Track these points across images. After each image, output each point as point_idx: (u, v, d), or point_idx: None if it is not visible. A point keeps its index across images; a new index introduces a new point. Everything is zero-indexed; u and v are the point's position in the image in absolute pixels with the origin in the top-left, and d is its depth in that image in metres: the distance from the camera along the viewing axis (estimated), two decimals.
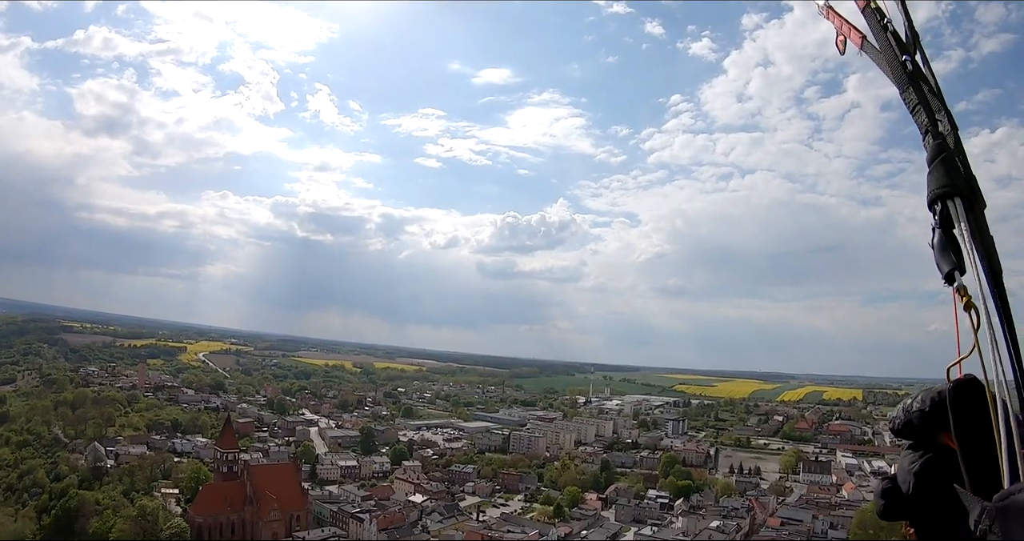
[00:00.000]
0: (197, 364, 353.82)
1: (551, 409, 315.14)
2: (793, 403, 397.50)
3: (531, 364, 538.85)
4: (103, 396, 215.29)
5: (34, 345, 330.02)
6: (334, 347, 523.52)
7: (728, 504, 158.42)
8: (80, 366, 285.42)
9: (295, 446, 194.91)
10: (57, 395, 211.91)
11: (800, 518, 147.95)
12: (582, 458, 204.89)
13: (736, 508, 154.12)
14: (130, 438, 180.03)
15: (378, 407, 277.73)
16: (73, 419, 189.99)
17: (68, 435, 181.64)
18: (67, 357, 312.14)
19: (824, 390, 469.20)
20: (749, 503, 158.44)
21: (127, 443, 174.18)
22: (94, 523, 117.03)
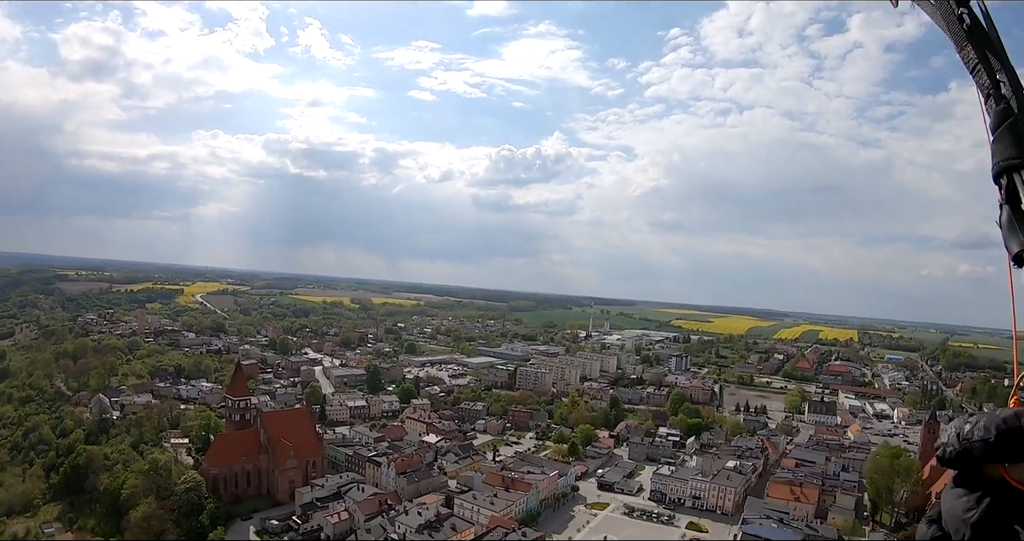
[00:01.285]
0: (195, 306, 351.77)
1: (552, 344, 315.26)
2: (791, 341, 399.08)
3: (528, 297, 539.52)
4: (103, 344, 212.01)
5: (30, 296, 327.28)
6: (330, 283, 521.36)
7: (741, 443, 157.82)
8: (78, 315, 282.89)
9: (301, 387, 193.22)
10: (57, 347, 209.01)
11: (813, 460, 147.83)
12: (590, 394, 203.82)
13: (750, 448, 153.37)
14: (134, 387, 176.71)
15: (380, 344, 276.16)
16: (75, 371, 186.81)
17: (71, 388, 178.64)
18: (64, 307, 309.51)
19: (819, 329, 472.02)
20: (762, 443, 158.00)
21: (131, 392, 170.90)
22: (104, 479, 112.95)
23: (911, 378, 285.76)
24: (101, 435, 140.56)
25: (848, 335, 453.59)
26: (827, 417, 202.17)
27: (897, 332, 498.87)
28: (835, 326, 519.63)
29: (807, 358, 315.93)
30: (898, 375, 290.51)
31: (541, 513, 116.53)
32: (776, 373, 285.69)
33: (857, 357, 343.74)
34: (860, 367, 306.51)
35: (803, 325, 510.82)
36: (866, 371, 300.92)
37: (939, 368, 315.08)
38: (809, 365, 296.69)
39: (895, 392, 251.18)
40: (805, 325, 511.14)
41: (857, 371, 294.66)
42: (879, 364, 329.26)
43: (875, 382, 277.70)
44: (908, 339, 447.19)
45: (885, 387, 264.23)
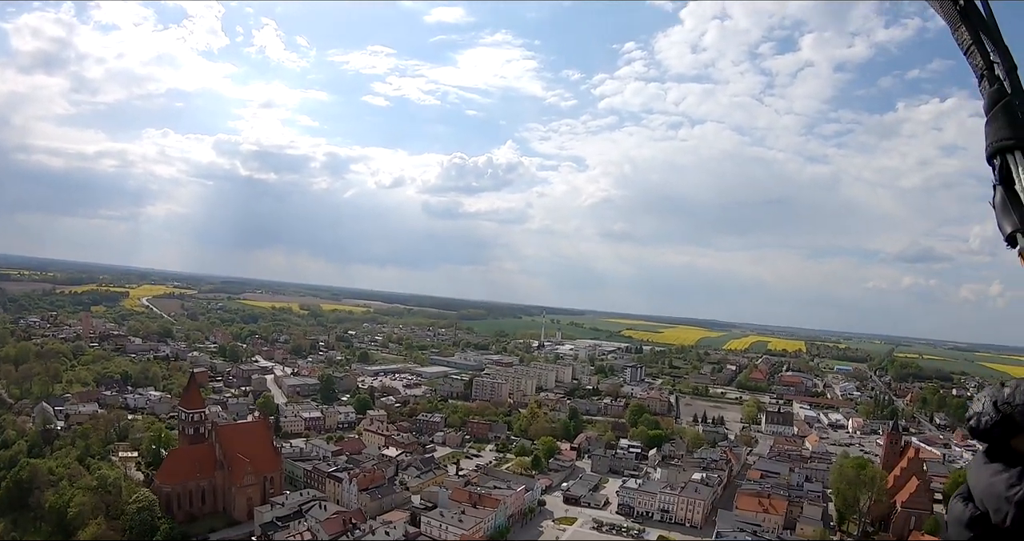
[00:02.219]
0: (141, 310, 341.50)
1: (505, 353, 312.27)
2: (741, 352, 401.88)
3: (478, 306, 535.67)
4: (47, 349, 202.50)
5: None
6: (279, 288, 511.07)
7: (705, 455, 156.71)
8: (20, 317, 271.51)
9: (253, 396, 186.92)
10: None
11: (777, 471, 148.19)
12: (548, 406, 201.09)
13: (715, 460, 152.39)
14: (79, 395, 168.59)
15: (332, 352, 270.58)
16: (17, 376, 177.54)
17: (13, 395, 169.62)
18: (5, 307, 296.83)
19: (768, 340, 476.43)
20: (725, 455, 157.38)
21: (76, 401, 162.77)
22: (50, 496, 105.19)
23: (861, 388, 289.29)
24: (45, 447, 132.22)
25: (796, 346, 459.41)
26: (784, 428, 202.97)
27: (843, 343, 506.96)
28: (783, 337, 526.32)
29: (759, 369, 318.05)
30: (849, 386, 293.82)
31: (510, 529, 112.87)
32: (730, 384, 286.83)
33: (807, 368, 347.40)
34: (811, 378, 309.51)
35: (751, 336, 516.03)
36: (817, 382, 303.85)
37: (887, 379, 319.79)
38: (762, 376, 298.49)
39: (847, 402, 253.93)
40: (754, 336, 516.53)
41: (809, 382, 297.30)
42: (829, 375, 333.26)
43: (827, 392, 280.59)
44: (855, 350, 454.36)
45: (837, 397, 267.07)
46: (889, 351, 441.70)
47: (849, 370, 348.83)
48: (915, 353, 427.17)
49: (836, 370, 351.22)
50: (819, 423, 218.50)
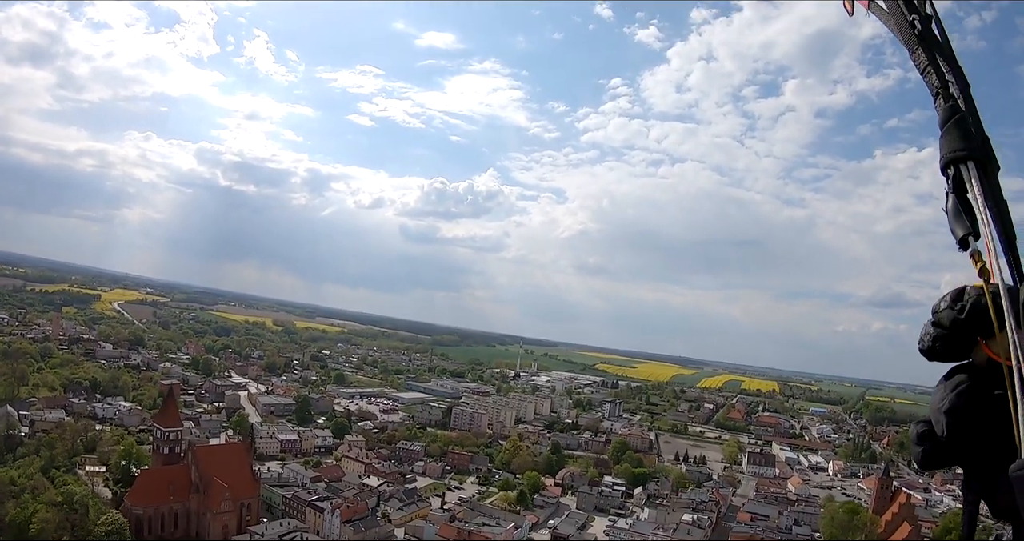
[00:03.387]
0: (113, 314, 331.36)
1: (482, 382, 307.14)
2: (715, 390, 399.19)
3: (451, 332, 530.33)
4: (14, 348, 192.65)
5: None
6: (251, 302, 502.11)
7: (694, 496, 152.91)
8: None
9: (227, 413, 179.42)
10: None
11: (766, 513, 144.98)
12: (529, 439, 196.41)
13: (703, 501, 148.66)
14: (45, 400, 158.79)
15: (307, 371, 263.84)
16: None
17: None
18: None
19: (741, 379, 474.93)
20: (713, 496, 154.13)
21: (43, 406, 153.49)
22: (10, 508, 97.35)
23: (838, 431, 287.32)
24: (7, 454, 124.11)
25: (769, 386, 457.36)
26: (766, 469, 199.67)
27: (815, 385, 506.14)
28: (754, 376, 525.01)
29: (737, 408, 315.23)
30: (826, 428, 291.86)
31: None
32: (707, 422, 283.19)
33: (783, 408, 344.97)
34: (788, 419, 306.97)
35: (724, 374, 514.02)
36: (794, 423, 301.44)
37: (863, 422, 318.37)
38: (740, 416, 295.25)
39: (826, 445, 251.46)
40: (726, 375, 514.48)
41: (786, 423, 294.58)
42: (805, 416, 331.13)
43: (804, 434, 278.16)
44: (827, 392, 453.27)
45: (815, 439, 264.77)
46: (861, 394, 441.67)
47: (824, 412, 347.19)
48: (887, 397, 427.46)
49: (811, 412, 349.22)
50: (800, 465, 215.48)
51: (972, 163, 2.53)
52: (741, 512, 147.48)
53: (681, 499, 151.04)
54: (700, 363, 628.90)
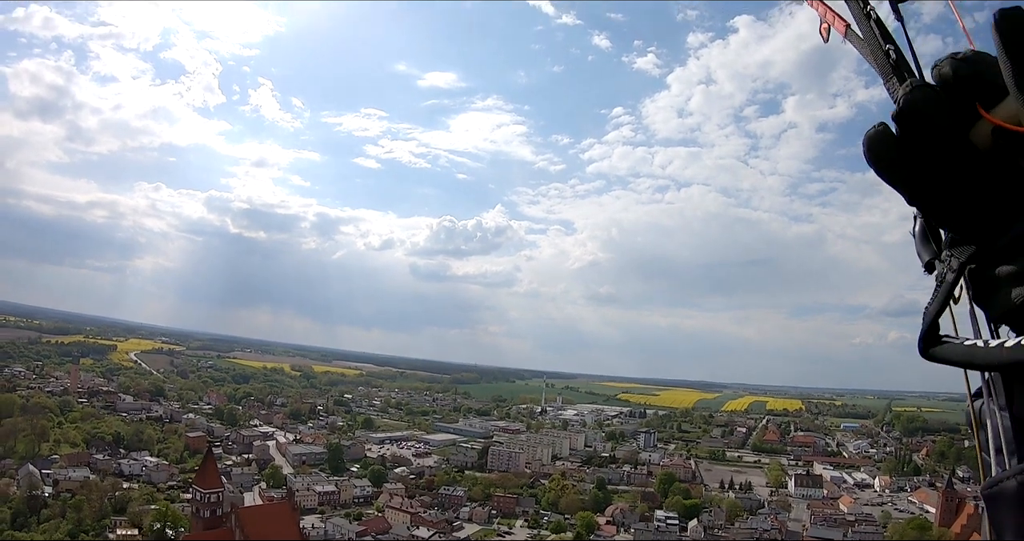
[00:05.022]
0: (130, 364, 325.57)
1: (509, 419, 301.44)
2: (742, 413, 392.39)
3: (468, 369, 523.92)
4: (32, 403, 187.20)
5: None
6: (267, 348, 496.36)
7: (754, 525, 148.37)
8: (5, 365, 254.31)
9: (258, 466, 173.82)
10: None
11: (831, 537, 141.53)
12: (571, 476, 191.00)
13: (766, 529, 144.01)
14: (68, 457, 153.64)
15: (332, 417, 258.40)
16: (0, 432, 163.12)
17: None
18: None
19: (765, 400, 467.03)
20: (774, 523, 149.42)
21: (66, 463, 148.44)
22: None
23: (875, 445, 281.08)
24: (31, 517, 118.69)
25: (794, 405, 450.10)
26: (814, 490, 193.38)
27: (838, 400, 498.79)
28: (775, 396, 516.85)
29: (770, 430, 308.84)
30: (862, 443, 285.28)
31: None
32: (743, 446, 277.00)
33: (813, 426, 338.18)
34: (822, 437, 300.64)
35: (747, 396, 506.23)
36: (829, 440, 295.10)
37: (896, 434, 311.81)
38: (775, 437, 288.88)
39: (865, 460, 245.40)
40: (748, 396, 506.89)
41: (821, 441, 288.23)
42: (838, 433, 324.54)
43: (842, 451, 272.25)
44: (852, 406, 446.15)
45: (854, 455, 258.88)
46: (887, 406, 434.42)
47: (856, 427, 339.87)
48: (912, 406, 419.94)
49: (843, 428, 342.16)
50: (846, 483, 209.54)
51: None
52: (806, 537, 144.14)
53: (740, 529, 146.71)
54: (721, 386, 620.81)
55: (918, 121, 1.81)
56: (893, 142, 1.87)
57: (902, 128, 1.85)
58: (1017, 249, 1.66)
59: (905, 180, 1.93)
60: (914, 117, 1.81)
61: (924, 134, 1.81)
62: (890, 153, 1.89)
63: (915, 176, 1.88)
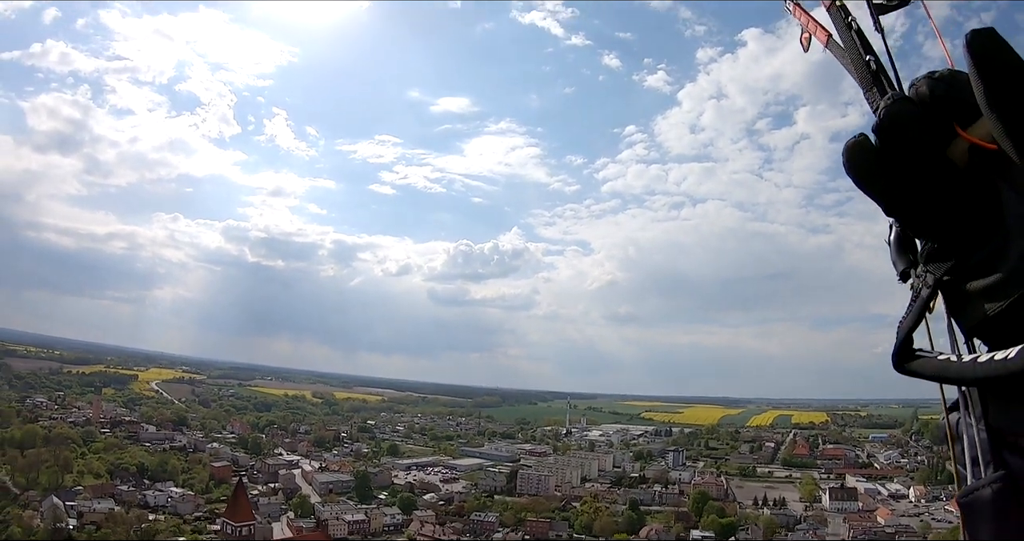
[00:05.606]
0: (151, 394, 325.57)
1: (534, 442, 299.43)
2: (768, 428, 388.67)
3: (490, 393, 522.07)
4: (55, 434, 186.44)
5: None
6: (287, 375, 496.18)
7: None
8: (27, 396, 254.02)
9: (284, 495, 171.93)
10: (3, 431, 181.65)
11: None
12: (603, 497, 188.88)
13: None
14: (92, 488, 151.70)
15: (357, 444, 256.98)
16: (23, 464, 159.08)
17: (18, 484, 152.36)
18: (11, 384, 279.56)
19: (790, 414, 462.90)
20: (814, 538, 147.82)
21: (90, 494, 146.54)
22: None
23: (905, 455, 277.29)
24: None
25: (820, 417, 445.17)
26: (849, 503, 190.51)
27: (863, 410, 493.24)
28: (800, 409, 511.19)
29: (799, 444, 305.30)
30: (892, 453, 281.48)
31: None
32: (773, 461, 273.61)
33: (841, 438, 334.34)
34: (851, 448, 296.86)
35: (771, 411, 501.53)
36: (859, 452, 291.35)
37: (925, 442, 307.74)
38: (805, 451, 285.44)
39: (897, 470, 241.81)
40: (773, 411, 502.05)
41: (851, 453, 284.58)
42: (866, 444, 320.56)
43: (872, 462, 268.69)
44: (878, 416, 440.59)
45: (885, 466, 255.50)
46: (913, 414, 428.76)
47: (885, 437, 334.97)
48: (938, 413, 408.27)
49: (872, 438, 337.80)
50: (880, 495, 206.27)
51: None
52: None
53: None
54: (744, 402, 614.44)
55: (898, 134, 1.81)
56: (872, 153, 1.87)
57: (882, 140, 1.85)
58: (992, 264, 1.67)
59: (882, 191, 1.92)
60: (894, 130, 1.81)
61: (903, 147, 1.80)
62: (869, 164, 1.90)
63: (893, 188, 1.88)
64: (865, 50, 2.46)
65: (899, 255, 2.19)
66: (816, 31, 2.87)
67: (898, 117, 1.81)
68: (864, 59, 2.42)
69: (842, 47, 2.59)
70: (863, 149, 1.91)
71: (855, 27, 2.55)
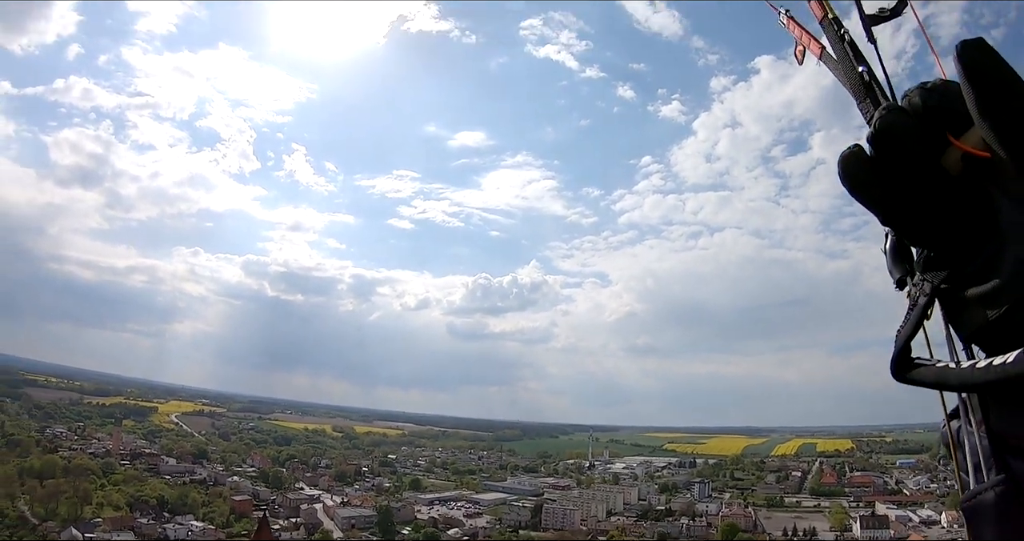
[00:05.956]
0: (171, 427, 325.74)
1: (557, 475, 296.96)
2: (793, 457, 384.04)
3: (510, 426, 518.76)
4: (74, 464, 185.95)
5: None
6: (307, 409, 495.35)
7: None
8: (47, 426, 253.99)
9: (306, 530, 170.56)
10: (22, 461, 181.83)
11: None
12: (631, 531, 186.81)
13: None
14: (112, 521, 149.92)
15: (379, 478, 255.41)
16: (42, 494, 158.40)
17: (37, 514, 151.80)
18: (31, 414, 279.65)
19: (814, 442, 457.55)
20: None
21: (109, 527, 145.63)
22: None
23: (935, 479, 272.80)
24: None
25: (845, 445, 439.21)
26: (881, 531, 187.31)
27: (888, 436, 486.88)
28: (824, 436, 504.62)
29: (826, 472, 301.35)
30: (921, 478, 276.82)
31: None
32: (800, 491, 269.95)
33: (868, 465, 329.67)
34: (880, 475, 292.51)
35: (795, 439, 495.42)
36: (887, 478, 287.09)
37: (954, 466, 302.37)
38: (832, 479, 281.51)
39: (928, 496, 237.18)
40: (797, 439, 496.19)
41: (879, 480, 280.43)
42: (895, 470, 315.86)
43: (902, 488, 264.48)
44: (904, 441, 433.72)
45: (915, 492, 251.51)
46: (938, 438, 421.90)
47: (913, 462, 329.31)
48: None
49: (899, 464, 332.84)
50: (912, 522, 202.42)
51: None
52: None
53: None
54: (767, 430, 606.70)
55: (892, 143, 1.84)
56: (867, 163, 1.91)
57: (876, 150, 1.88)
58: (988, 271, 1.69)
59: (878, 201, 1.96)
60: (888, 139, 1.84)
61: (897, 157, 1.84)
62: (864, 174, 1.93)
63: (888, 198, 1.93)
64: (858, 61, 2.50)
65: (895, 264, 2.21)
66: (810, 44, 2.94)
67: (891, 127, 1.84)
68: (857, 70, 2.46)
69: (835, 59, 2.63)
70: (858, 159, 1.92)
71: (847, 39, 2.61)
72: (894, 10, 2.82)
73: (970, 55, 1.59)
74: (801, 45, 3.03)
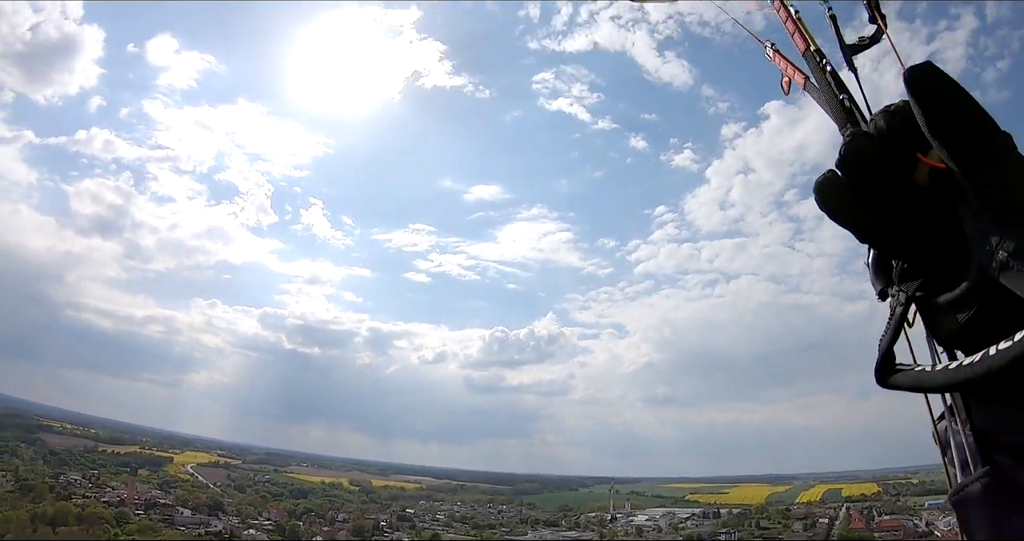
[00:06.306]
0: (186, 477, 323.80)
1: (579, 529, 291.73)
2: (818, 504, 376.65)
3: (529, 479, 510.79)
4: (88, 512, 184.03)
5: (11, 443, 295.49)
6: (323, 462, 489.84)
7: None
8: (61, 472, 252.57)
9: None
10: (35, 507, 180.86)
11: None
12: None
13: None
14: None
15: (397, 533, 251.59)
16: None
17: None
18: (46, 460, 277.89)
19: (839, 487, 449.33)
20: None
21: None
22: None
23: None
24: None
25: (871, 489, 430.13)
26: None
27: (914, 478, 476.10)
28: (849, 481, 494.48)
29: (855, 518, 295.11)
30: (952, 519, 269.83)
31: None
32: (828, 538, 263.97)
33: (896, 508, 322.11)
34: (909, 518, 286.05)
35: (819, 485, 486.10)
36: (916, 521, 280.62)
37: None
38: (861, 524, 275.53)
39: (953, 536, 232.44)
40: (821, 485, 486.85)
41: (909, 522, 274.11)
42: (923, 512, 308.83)
43: (932, 530, 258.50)
44: (931, 482, 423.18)
45: (946, 534, 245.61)
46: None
47: (941, 503, 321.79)
48: None
49: (927, 505, 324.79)
50: None
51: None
52: None
53: None
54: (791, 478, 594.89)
55: (858, 167, 1.93)
56: (841, 187, 1.98)
57: (844, 173, 1.95)
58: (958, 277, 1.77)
59: (853, 222, 2.04)
60: (854, 164, 1.93)
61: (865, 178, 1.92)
62: (838, 198, 2.00)
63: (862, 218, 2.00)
64: (839, 89, 2.61)
65: (877, 276, 2.28)
66: (795, 75, 3.08)
67: (856, 152, 1.94)
68: (838, 98, 2.57)
69: (819, 88, 2.75)
70: (831, 184, 2.00)
71: (829, 68, 2.75)
72: (872, 38, 3.04)
73: (918, 79, 1.70)
74: (787, 76, 3.19)
